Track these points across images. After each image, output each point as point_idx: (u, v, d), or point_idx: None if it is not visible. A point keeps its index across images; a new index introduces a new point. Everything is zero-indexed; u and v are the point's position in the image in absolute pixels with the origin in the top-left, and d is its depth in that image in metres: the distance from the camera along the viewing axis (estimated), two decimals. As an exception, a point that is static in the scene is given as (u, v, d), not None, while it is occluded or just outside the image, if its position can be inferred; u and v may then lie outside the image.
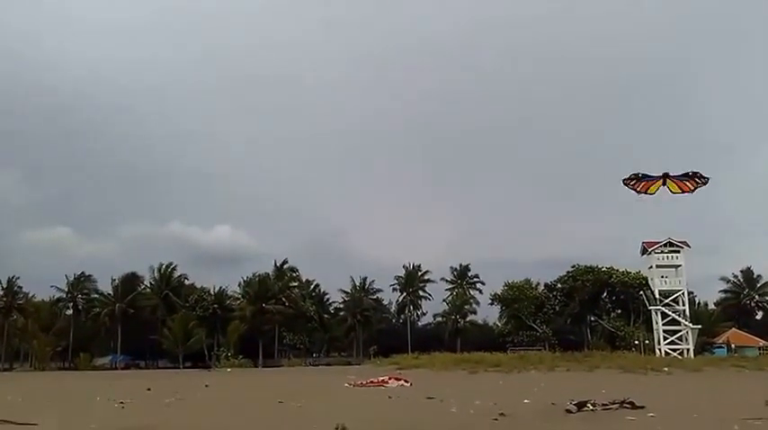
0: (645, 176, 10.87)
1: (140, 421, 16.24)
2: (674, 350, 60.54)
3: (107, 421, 16.20)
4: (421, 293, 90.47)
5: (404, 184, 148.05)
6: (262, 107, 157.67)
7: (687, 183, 10.97)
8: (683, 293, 63.30)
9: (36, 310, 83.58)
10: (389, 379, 35.70)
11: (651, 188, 10.98)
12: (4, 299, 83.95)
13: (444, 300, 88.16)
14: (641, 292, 68.49)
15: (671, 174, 11.02)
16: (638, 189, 10.94)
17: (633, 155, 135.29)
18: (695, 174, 11.08)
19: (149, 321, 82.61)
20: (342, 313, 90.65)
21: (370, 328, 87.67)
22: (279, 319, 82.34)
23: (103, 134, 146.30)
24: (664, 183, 11.09)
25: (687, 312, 63.06)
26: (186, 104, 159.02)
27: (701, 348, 65.07)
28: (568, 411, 17.12)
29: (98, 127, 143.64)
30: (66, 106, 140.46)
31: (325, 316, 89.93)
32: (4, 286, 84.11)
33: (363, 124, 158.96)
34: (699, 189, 11.20)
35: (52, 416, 17.68)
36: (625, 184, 11.01)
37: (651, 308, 63.81)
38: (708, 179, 11.23)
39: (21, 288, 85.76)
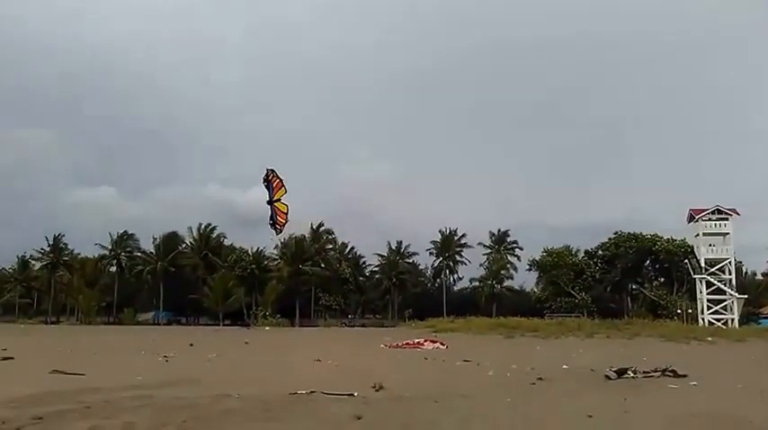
0: (273, 218, 10.34)
1: (184, 375, 16.60)
2: (718, 320, 59.32)
3: (152, 374, 16.60)
4: (457, 258, 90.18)
5: (444, 149, 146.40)
6: (300, 71, 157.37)
7: (276, 187, 10.47)
8: (729, 262, 61.69)
9: (81, 267, 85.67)
10: (425, 341, 35.84)
11: (281, 217, 10.47)
12: (51, 255, 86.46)
13: (481, 265, 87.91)
14: (686, 261, 66.94)
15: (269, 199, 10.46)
16: (279, 227, 10.43)
17: (682, 119, 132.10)
18: (268, 176, 10.54)
19: (190, 280, 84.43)
20: (377, 276, 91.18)
21: (405, 292, 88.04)
22: (315, 281, 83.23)
23: (145, 96, 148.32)
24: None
25: (733, 281, 61.55)
26: (227, 68, 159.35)
27: (746, 318, 63.63)
28: (608, 377, 16.91)
29: (139, 89, 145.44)
30: (108, 68, 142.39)
31: (361, 278, 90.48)
32: (51, 243, 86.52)
33: (404, 87, 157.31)
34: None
35: (99, 368, 18.23)
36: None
37: (696, 276, 62.43)
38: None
39: (66, 245, 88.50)
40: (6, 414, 9.60)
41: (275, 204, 9.86)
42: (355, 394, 12.51)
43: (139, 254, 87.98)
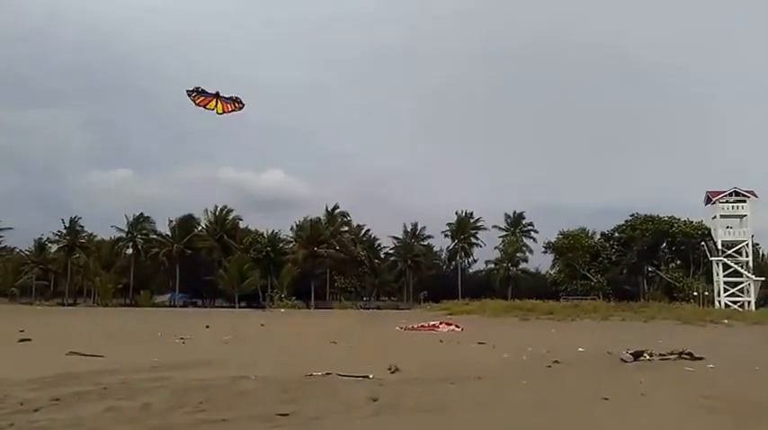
0: (203, 92, 10.21)
1: (201, 356, 16.73)
2: (735, 302, 58.85)
3: (169, 355, 16.75)
4: (472, 240, 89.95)
5: (458, 131, 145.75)
6: (314, 53, 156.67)
7: (229, 105, 10.34)
8: (747, 244, 61.07)
9: (98, 249, 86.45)
10: (440, 323, 35.91)
11: (209, 104, 10.36)
12: (67, 237, 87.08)
13: (497, 248, 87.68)
14: (703, 243, 66.33)
15: (222, 94, 10.38)
16: (198, 102, 10.30)
17: (693, 97, 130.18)
18: (237, 98, 10.44)
19: (206, 262, 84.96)
20: (392, 258, 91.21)
21: (420, 274, 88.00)
22: (330, 263, 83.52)
23: (160, 78, 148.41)
24: (216, 103, 10.44)
25: (750, 264, 60.97)
26: (242, 49, 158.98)
27: (763, 301, 62.97)
28: (624, 360, 16.82)
29: (154, 72, 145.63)
30: (124, 50, 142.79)
31: (376, 260, 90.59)
32: (67, 225, 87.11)
33: (419, 69, 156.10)
34: (237, 112, 10.56)
35: (117, 350, 18.41)
36: (188, 94, 10.35)
37: (713, 259, 61.87)
38: (244, 105, 10.58)
39: (82, 227, 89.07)
40: (25, 395, 9.71)
41: (219, 99, 10.20)
42: (371, 376, 12.54)
43: (155, 236, 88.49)
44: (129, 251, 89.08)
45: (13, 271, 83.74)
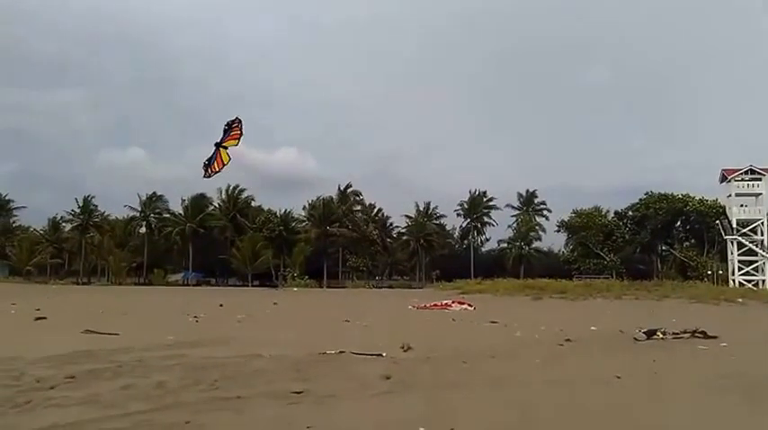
0: (209, 162, 9.54)
1: (215, 335, 16.85)
2: (749, 281, 58.50)
3: (183, 334, 16.87)
4: (485, 219, 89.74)
5: (472, 110, 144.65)
6: (328, 34, 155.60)
7: (232, 135, 9.57)
8: (762, 223, 60.58)
9: (111, 228, 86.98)
10: (453, 302, 35.90)
11: (218, 164, 9.67)
12: (81, 217, 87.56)
13: (509, 227, 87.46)
14: (717, 221, 65.79)
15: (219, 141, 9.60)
16: (212, 172, 9.64)
17: (707, 79, 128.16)
18: (233, 122, 9.61)
19: (219, 241, 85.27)
20: (405, 237, 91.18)
21: (432, 253, 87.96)
22: (342, 242, 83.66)
23: (172, 58, 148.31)
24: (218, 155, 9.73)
25: (765, 242, 60.48)
26: (255, 29, 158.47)
27: (778, 279, 62.57)
28: (637, 339, 16.75)
29: (167, 50, 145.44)
30: (139, 30, 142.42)
31: (388, 240, 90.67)
32: (81, 205, 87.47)
33: (431, 47, 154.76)
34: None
35: (132, 328, 18.58)
36: (205, 170, 9.70)
37: (727, 237, 61.45)
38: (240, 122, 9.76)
39: (96, 206, 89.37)
40: (41, 373, 9.84)
41: (220, 150, 9.55)
42: (384, 354, 12.57)
43: (168, 215, 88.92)
44: (143, 230, 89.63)
45: (27, 250, 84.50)
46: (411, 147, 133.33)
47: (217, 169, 9.62)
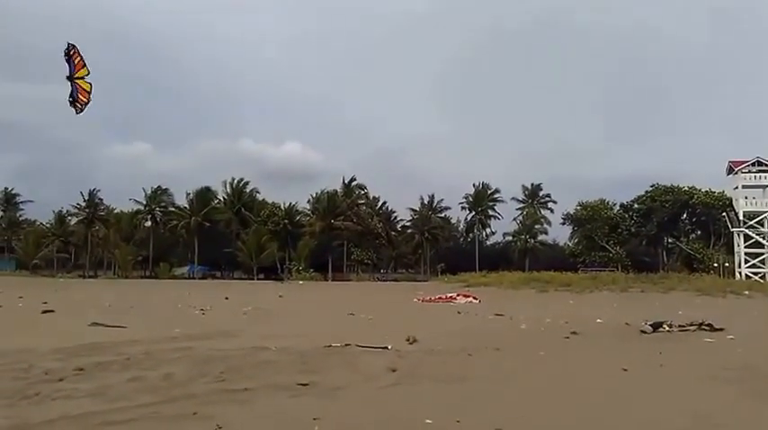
0: (72, 95, 9.02)
1: (221, 327, 16.92)
2: (756, 274, 58.28)
3: (190, 327, 16.97)
4: (490, 212, 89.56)
5: (476, 103, 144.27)
6: (330, 26, 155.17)
7: (78, 64, 9.00)
8: (769, 215, 60.29)
9: (117, 221, 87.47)
10: (458, 295, 35.93)
11: (82, 95, 9.15)
12: (87, 210, 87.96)
13: (514, 220, 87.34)
14: (724, 214, 65.51)
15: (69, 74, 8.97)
16: (80, 106, 9.12)
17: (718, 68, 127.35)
18: (69, 50, 8.99)
19: (224, 234, 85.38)
20: (409, 230, 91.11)
21: (437, 246, 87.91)
22: (347, 235, 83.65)
23: (178, 53, 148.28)
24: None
25: (773, 235, 60.23)
26: (260, 24, 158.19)
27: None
28: (643, 331, 16.74)
29: (172, 45, 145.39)
30: (143, 23, 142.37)
31: (393, 233, 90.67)
32: (86, 198, 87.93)
33: (438, 39, 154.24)
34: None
35: (138, 321, 18.67)
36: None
37: (734, 229, 61.15)
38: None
39: (101, 200, 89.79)
40: (49, 365, 9.90)
41: (77, 81, 9.20)
42: (389, 347, 12.61)
43: (173, 209, 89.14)
44: (148, 224, 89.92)
45: (34, 243, 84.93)
46: (416, 139, 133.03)
47: (84, 99, 9.34)
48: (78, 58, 9.19)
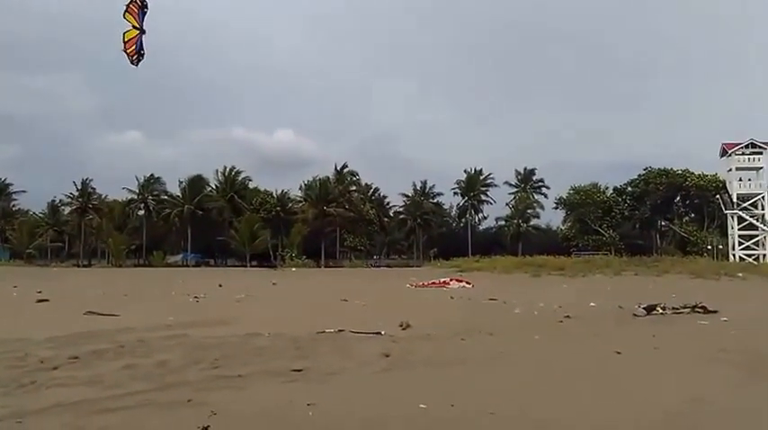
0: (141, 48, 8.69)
1: (215, 315, 16.92)
2: (750, 255, 58.65)
3: (183, 314, 16.95)
4: (482, 197, 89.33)
5: (468, 87, 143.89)
6: (320, 12, 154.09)
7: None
8: (763, 197, 60.59)
9: (110, 210, 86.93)
10: (451, 280, 36.08)
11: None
12: (80, 199, 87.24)
13: (507, 204, 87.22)
14: (717, 196, 65.73)
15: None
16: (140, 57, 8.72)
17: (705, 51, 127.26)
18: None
19: (217, 222, 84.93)
20: (402, 216, 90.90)
21: (430, 231, 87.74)
22: (340, 222, 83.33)
23: (169, 40, 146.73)
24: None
25: (766, 217, 60.52)
26: (252, 11, 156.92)
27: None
28: (636, 315, 16.83)
29: (163, 33, 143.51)
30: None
31: (386, 219, 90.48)
32: (79, 188, 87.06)
33: (431, 23, 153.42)
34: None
35: (132, 309, 18.65)
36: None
37: (727, 212, 61.49)
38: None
39: (94, 189, 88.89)
40: (44, 354, 9.91)
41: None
42: (383, 333, 12.65)
43: (166, 197, 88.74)
44: (141, 212, 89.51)
45: (27, 233, 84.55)
46: (408, 125, 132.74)
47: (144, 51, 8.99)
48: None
